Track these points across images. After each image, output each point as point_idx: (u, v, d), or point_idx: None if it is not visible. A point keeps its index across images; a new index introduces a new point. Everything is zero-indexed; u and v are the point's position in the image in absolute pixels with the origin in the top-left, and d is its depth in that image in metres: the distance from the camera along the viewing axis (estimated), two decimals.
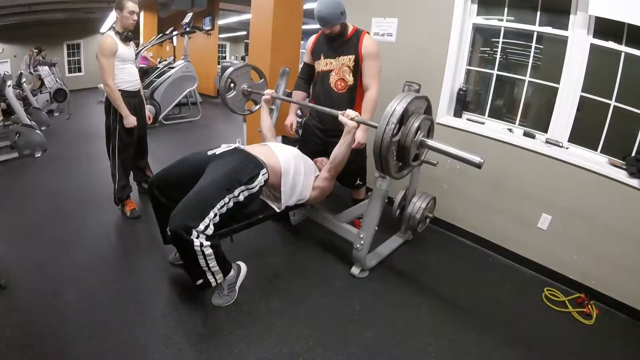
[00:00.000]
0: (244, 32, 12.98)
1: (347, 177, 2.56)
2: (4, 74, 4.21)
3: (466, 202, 2.83)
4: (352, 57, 2.27)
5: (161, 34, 6.63)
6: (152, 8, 9.76)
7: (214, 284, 1.82)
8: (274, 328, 1.84)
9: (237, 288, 1.99)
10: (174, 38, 6.67)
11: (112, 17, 8.49)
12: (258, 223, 2.14)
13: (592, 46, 2.20)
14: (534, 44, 2.47)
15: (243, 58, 10.83)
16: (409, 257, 2.59)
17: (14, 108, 4.23)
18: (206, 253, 1.68)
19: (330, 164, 2.13)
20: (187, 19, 5.96)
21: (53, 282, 2.06)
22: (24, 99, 5.39)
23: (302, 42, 4.04)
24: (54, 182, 3.45)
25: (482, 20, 2.66)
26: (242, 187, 1.82)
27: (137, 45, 6.43)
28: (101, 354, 1.63)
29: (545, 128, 2.48)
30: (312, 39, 2.46)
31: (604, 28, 2.14)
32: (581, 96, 2.29)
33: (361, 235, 2.22)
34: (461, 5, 2.60)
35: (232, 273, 1.92)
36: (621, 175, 2.13)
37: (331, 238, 2.62)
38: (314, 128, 2.56)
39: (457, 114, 2.84)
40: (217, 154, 2.00)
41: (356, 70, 2.29)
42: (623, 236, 2.16)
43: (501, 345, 1.87)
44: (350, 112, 1.98)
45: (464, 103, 2.82)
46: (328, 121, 2.43)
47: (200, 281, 1.78)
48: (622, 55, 2.12)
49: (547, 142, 2.42)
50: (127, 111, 2.65)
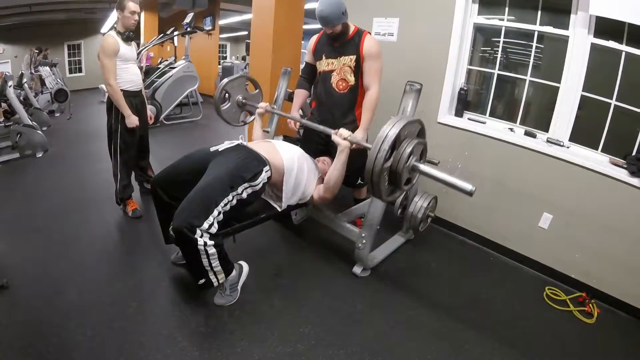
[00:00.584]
0: (245, 32, 13.00)
1: (349, 177, 2.56)
2: (5, 75, 4.22)
3: (467, 202, 2.81)
4: (354, 57, 2.27)
5: (162, 34, 6.64)
6: (153, 8, 9.76)
7: (216, 284, 1.82)
8: (276, 327, 1.85)
9: (239, 288, 2.00)
10: (175, 38, 6.67)
11: (113, 17, 8.51)
12: (260, 222, 2.14)
13: (593, 45, 2.21)
14: (535, 44, 2.47)
15: (244, 58, 10.85)
16: (411, 257, 2.60)
17: (15, 108, 4.23)
18: (209, 252, 1.69)
19: (325, 185, 2.11)
20: (188, 19, 5.97)
21: (55, 282, 2.06)
22: (25, 100, 5.40)
23: (303, 42, 4.04)
24: (56, 182, 3.46)
25: (483, 19, 2.66)
26: (246, 185, 1.82)
27: (138, 45, 6.44)
28: (103, 353, 1.63)
29: (546, 127, 2.48)
30: (314, 39, 2.47)
31: (605, 27, 2.14)
32: (582, 95, 2.30)
33: (363, 234, 2.22)
34: (462, 4, 2.60)
35: (234, 273, 1.92)
36: (622, 174, 2.14)
37: (333, 237, 2.63)
38: None
39: (459, 114, 2.84)
40: (220, 151, 2.00)
41: (357, 70, 2.29)
42: (624, 235, 2.17)
43: (502, 344, 1.87)
44: (343, 132, 1.97)
45: (465, 102, 2.82)
46: (329, 120, 2.43)
47: (202, 281, 1.79)
48: (623, 54, 2.12)
49: (548, 142, 2.42)
50: (129, 111, 2.66)
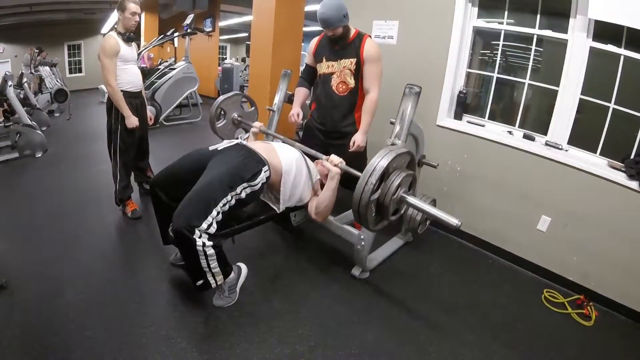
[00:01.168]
0: (245, 34, 12.99)
1: (347, 180, 2.56)
2: (5, 74, 4.21)
3: (466, 204, 2.84)
4: (354, 60, 2.27)
5: (162, 35, 6.65)
6: (154, 9, 9.78)
7: (214, 286, 1.82)
8: (275, 328, 1.85)
9: (238, 289, 1.99)
10: (175, 39, 6.68)
11: (114, 18, 8.52)
12: (259, 224, 2.15)
13: (592, 49, 2.22)
14: (534, 47, 2.48)
15: (244, 60, 10.86)
16: (409, 259, 2.60)
17: (15, 108, 4.22)
18: (208, 253, 1.68)
19: (316, 209, 2.09)
20: (188, 20, 5.99)
21: (54, 282, 2.06)
22: (25, 99, 5.39)
23: (304, 44, 4.05)
24: (55, 183, 3.46)
25: (483, 23, 2.67)
26: (245, 185, 1.82)
27: (138, 46, 6.44)
28: (102, 355, 1.63)
29: (545, 130, 2.49)
30: (315, 42, 2.47)
31: (604, 31, 2.16)
32: (580, 99, 2.30)
33: (362, 236, 2.22)
34: (462, 8, 2.61)
35: (233, 275, 1.92)
36: (620, 177, 2.15)
37: (332, 239, 2.63)
38: (315, 130, 2.57)
39: (458, 117, 2.85)
40: (219, 149, 2.00)
41: (357, 73, 2.30)
42: (622, 238, 2.17)
43: (501, 346, 1.88)
44: (334, 158, 1.98)
45: (464, 105, 2.83)
46: (329, 123, 2.44)
47: (200, 282, 1.78)
48: (622, 58, 2.13)
49: (547, 145, 2.43)
50: (129, 112, 2.66)
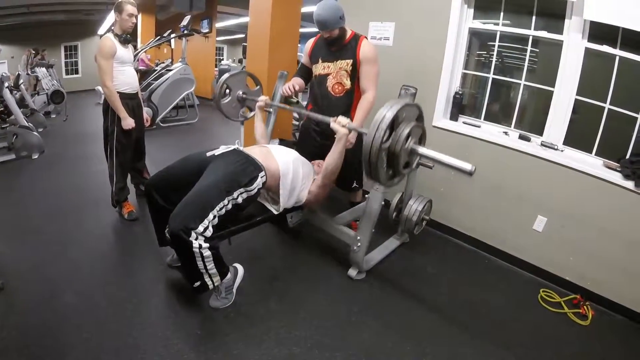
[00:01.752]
0: (242, 35, 13.00)
1: (344, 181, 2.58)
2: (2, 75, 4.19)
3: (462, 205, 2.85)
4: (350, 62, 2.28)
5: (159, 37, 6.64)
6: (151, 10, 9.76)
7: (211, 287, 1.82)
8: (272, 330, 1.85)
9: (235, 290, 2.00)
10: (172, 40, 6.67)
11: (111, 19, 8.51)
12: (256, 225, 2.15)
13: (587, 50, 2.23)
14: (530, 48, 2.50)
15: (240, 61, 10.86)
16: (406, 260, 2.60)
17: (12, 109, 4.20)
18: (204, 255, 1.69)
19: (323, 172, 2.13)
20: (185, 22, 5.99)
21: (51, 284, 2.05)
22: (22, 101, 5.37)
23: (300, 45, 4.05)
24: (52, 184, 3.44)
25: (479, 24, 2.69)
26: (241, 190, 1.83)
27: (135, 47, 6.44)
28: (99, 356, 1.62)
29: (540, 131, 2.50)
30: (311, 42, 2.48)
31: (599, 32, 2.17)
32: (576, 99, 2.32)
33: (358, 237, 2.23)
34: (457, 9, 2.62)
35: (229, 276, 1.92)
36: (616, 177, 2.16)
37: (329, 240, 2.63)
38: (312, 131, 2.57)
39: (454, 118, 2.86)
40: (216, 155, 2.00)
41: (354, 74, 2.31)
42: (618, 238, 2.18)
43: (497, 346, 1.88)
44: (341, 119, 1.98)
45: (460, 106, 2.84)
46: (325, 124, 2.44)
47: (197, 283, 1.78)
48: (617, 58, 2.15)
49: (543, 145, 2.44)
50: (125, 113, 2.65)
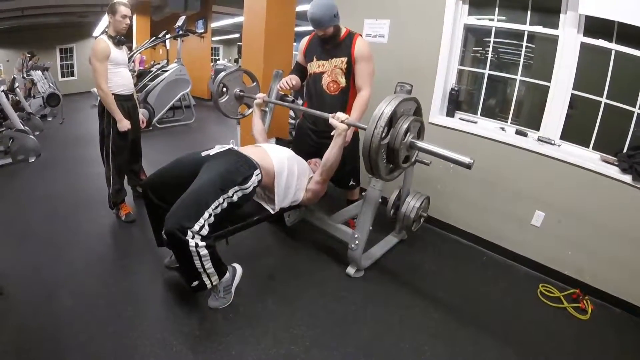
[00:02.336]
0: (237, 35, 12.99)
1: (341, 179, 2.57)
2: None
3: (460, 201, 2.85)
4: (345, 60, 2.27)
5: (154, 37, 6.62)
6: (146, 11, 9.72)
7: (210, 286, 1.82)
8: (271, 329, 1.85)
9: (233, 290, 1.99)
10: (167, 41, 6.65)
11: (105, 21, 8.46)
12: (253, 225, 2.14)
13: (583, 44, 2.23)
14: (525, 43, 2.49)
15: (236, 60, 10.86)
16: (404, 257, 2.60)
17: (8, 113, 4.19)
18: (201, 254, 1.68)
19: (322, 167, 2.13)
20: (180, 22, 5.95)
21: (49, 286, 2.05)
22: (18, 104, 5.35)
23: (295, 44, 4.04)
24: (49, 187, 3.43)
25: (474, 20, 2.68)
26: (236, 188, 1.83)
27: (130, 48, 6.40)
28: (97, 357, 1.62)
29: (537, 126, 2.50)
30: (305, 40, 2.47)
31: (594, 27, 2.17)
32: (572, 94, 2.32)
33: (356, 235, 2.23)
34: (452, 5, 2.62)
35: (228, 275, 1.92)
36: (613, 171, 2.16)
37: (326, 239, 2.62)
38: (308, 130, 2.57)
39: (450, 114, 2.86)
40: (211, 155, 2.00)
41: (349, 72, 2.30)
42: (616, 232, 2.18)
43: (497, 342, 1.88)
44: (340, 115, 1.99)
45: (457, 103, 2.84)
46: (321, 123, 2.44)
47: (195, 283, 1.78)
48: (612, 53, 2.15)
49: (539, 140, 2.44)
50: (121, 115, 2.64)
